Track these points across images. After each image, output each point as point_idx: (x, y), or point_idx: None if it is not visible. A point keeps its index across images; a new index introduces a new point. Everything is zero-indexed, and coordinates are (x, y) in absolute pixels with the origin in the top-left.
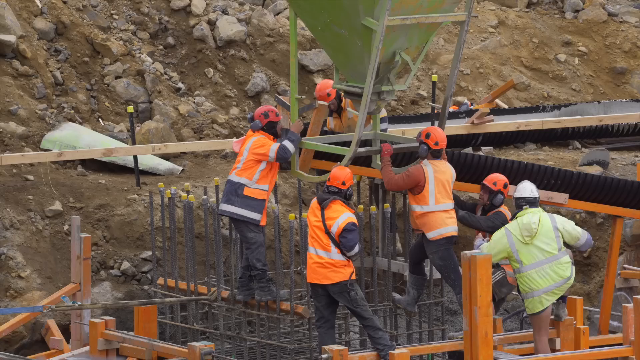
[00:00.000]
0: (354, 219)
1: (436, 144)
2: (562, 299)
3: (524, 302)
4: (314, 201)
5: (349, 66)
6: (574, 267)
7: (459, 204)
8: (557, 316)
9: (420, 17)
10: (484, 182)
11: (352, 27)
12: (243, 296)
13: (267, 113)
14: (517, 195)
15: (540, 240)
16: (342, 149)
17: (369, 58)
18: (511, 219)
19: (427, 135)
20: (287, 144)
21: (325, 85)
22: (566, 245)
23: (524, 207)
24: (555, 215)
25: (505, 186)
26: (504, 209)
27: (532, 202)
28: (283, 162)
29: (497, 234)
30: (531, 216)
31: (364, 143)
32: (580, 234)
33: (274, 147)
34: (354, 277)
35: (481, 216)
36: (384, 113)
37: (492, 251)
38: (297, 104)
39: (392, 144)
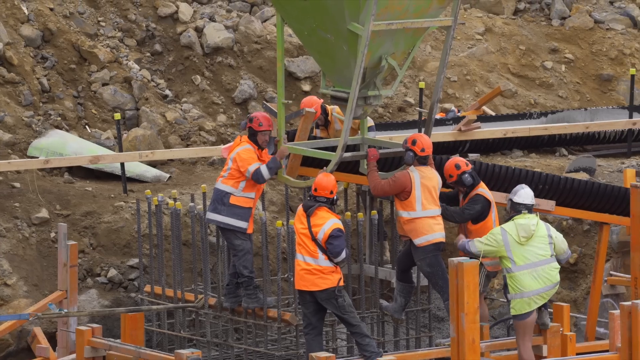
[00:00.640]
0: (340, 225)
1: (422, 150)
2: (545, 306)
3: (511, 302)
4: (300, 208)
5: (335, 71)
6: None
7: (440, 196)
8: (543, 324)
9: (406, 22)
10: (448, 182)
11: (338, 32)
12: (230, 303)
13: (252, 119)
14: (517, 200)
15: (535, 243)
16: (328, 154)
17: (355, 63)
18: (507, 221)
19: (414, 142)
20: (264, 170)
21: (310, 102)
22: None
23: (522, 212)
24: (548, 224)
25: (457, 167)
26: (481, 188)
27: (530, 209)
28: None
29: (494, 231)
30: (529, 219)
31: (351, 148)
32: (566, 247)
33: (251, 168)
34: (341, 283)
35: (455, 209)
36: (370, 122)
37: (483, 247)
38: (284, 109)
39: (379, 149)
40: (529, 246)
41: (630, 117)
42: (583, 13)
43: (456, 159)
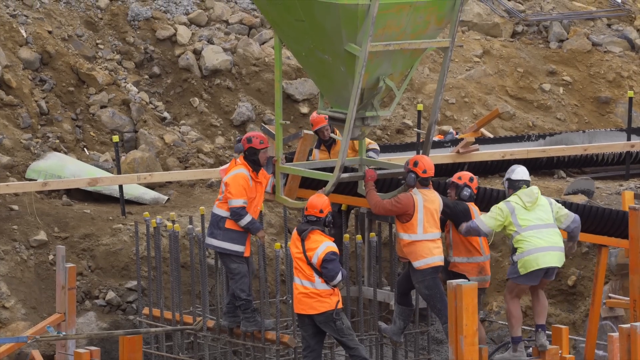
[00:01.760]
0: (334, 248)
1: (424, 172)
2: (542, 328)
3: (518, 264)
4: (295, 232)
5: (333, 91)
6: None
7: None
8: (542, 346)
9: (404, 43)
10: (451, 179)
11: (336, 53)
12: (228, 322)
13: (251, 138)
14: (516, 177)
15: (539, 209)
16: (326, 175)
17: (353, 83)
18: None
19: (415, 164)
20: (246, 219)
21: (320, 118)
22: None
23: (522, 186)
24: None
25: (471, 180)
26: (472, 205)
27: (528, 184)
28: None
29: (499, 205)
30: (532, 188)
31: (350, 170)
32: (566, 212)
33: (236, 201)
34: (340, 305)
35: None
36: (374, 145)
37: (493, 222)
38: (281, 129)
39: (376, 170)
40: (534, 211)
41: (629, 139)
42: (581, 36)
43: (471, 174)
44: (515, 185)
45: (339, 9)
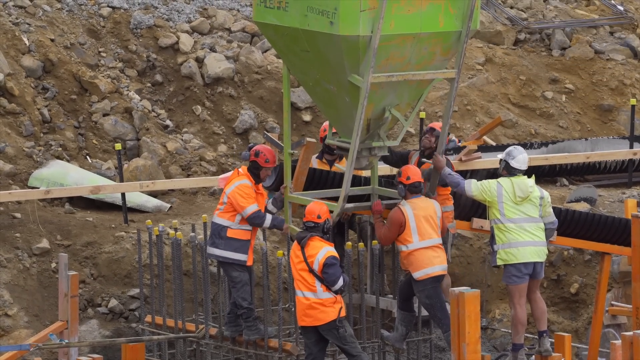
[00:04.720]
0: (334, 253)
1: (408, 178)
2: (545, 333)
3: (497, 253)
4: (295, 243)
5: (339, 122)
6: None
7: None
8: (546, 351)
9: (407, 75)
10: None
11: (340, 84)
12: (230, 332)
13: (258, 153)
14: (515, 165)
15: (527, 204)
16: (330, 205)
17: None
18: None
19: (399, 174)
20: (266, 220)
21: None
22: None
23: (517, 174)
24: (541, 188)
25: None
26: None
27: (524, 173)
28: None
29: (490, 181)
30: (527, 180)
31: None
32: (551, 212)
33: (250, 208)
34: (343, 312)
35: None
36: None
37: (476, 190)
38: (290, 159)
39: (384, 202)
40: (522, 205)
41: (631, 147)
42: (583, 43)
43: None
44: (511, 172)
45: (341, 40)
